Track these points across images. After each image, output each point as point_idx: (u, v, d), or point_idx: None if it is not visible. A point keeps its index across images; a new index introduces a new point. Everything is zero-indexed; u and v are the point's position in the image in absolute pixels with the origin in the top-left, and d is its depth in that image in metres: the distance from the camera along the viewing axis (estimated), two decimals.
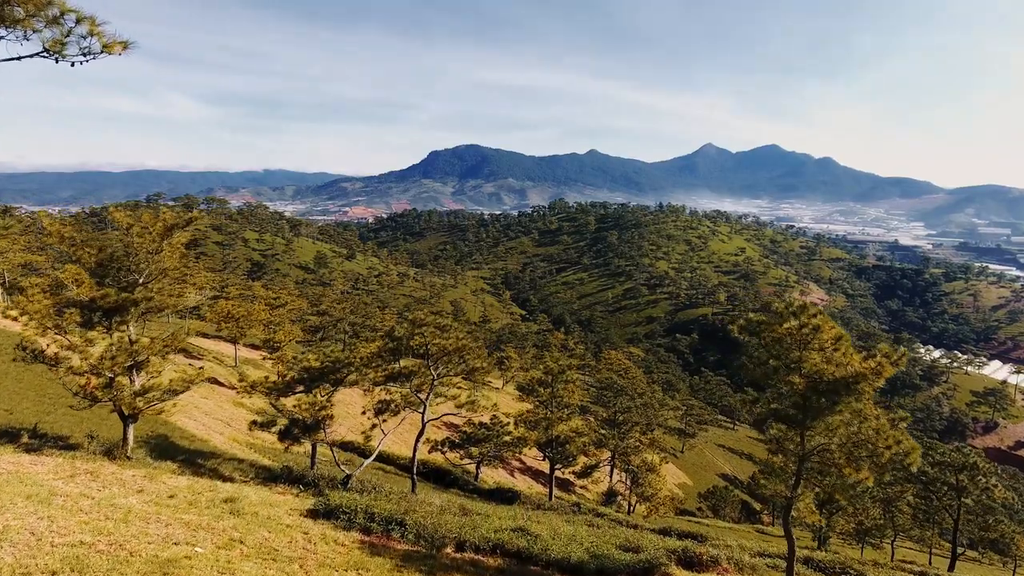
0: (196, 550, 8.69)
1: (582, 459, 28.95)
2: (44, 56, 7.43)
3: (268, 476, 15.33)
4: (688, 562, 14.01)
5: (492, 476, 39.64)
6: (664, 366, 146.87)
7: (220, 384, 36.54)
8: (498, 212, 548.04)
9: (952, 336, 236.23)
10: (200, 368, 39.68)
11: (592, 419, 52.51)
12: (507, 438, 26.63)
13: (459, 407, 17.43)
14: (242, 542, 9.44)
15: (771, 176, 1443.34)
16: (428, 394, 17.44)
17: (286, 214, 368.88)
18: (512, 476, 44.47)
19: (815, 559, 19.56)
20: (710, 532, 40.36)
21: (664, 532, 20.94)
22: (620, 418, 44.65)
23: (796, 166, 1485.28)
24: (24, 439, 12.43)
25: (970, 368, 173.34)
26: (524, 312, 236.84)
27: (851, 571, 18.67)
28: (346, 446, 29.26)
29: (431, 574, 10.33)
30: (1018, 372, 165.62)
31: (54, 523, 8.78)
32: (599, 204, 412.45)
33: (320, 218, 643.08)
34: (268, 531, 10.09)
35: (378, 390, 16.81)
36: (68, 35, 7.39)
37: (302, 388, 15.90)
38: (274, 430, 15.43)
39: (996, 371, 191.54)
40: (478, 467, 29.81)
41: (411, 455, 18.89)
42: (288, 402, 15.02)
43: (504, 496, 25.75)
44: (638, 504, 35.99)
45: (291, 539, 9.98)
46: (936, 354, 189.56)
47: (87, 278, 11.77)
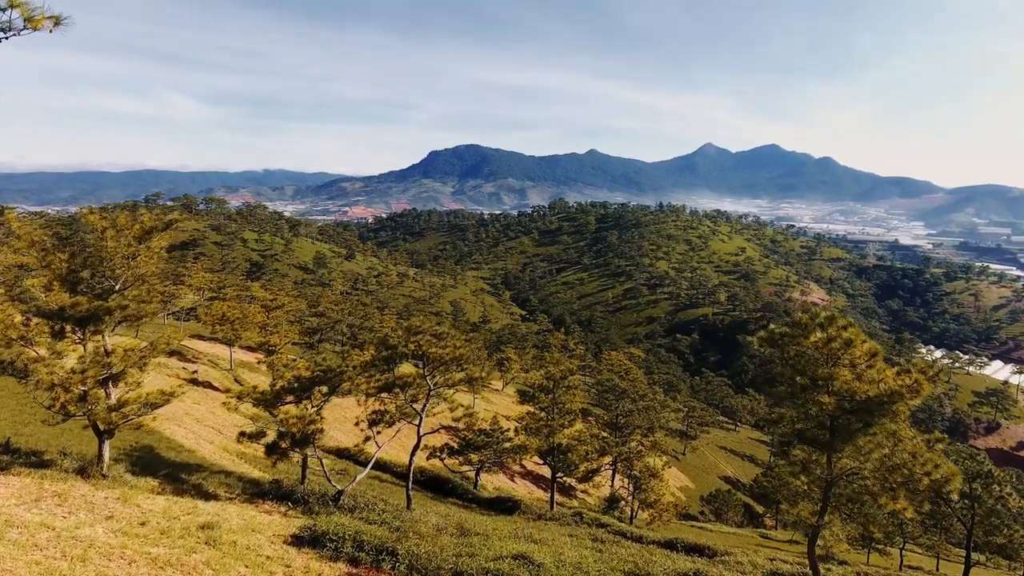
0: None
1: (584, 465, 28.19)
2: None
3: (255, 492, 14.56)
4: None
5: (492, 481, 38.88)
6: (665, 366, 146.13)
7: (214, 388, 35.77)
8: (498, 212, 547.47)
9: (953, 336, 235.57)
10: (194, 371, 38.87)
11: (593, 422, 51.84)
12: (507, 445, 25.90)
13: (456, 420, 16.66)
14: None
15: (771, 176, 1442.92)
16: (424, 405, 16.67)
17: (286, 214, 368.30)
18: (512, 481, 43.73)
19: None
20: (715, 539, 39.62)
21: (670, 545, 20.25)
22: (622, 421, 43.96)
23: (796, 166, 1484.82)
24: None
25: (971, 368, 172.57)
26: (524, 312, 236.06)
27: None
28: (342, 453, 28.55)
29: None
30: (1020, 372, 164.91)
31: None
32: (599, 204, 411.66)
33: (320, 218, 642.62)
34: (245, 566, 9.25)
35: (372, 400, 16.06)
36: None
37: (292, 398, 15.17)
38: (264, 440, 14.67)
39: (997, 371, 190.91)
40: (477, 474, 29.10)
41: (408, 463, 18.08)
42: (281, 411, 14.30)
43: (504, 506, 25.03)
44: (640, 510, 35.31)
45: (271, 575, 9.16)
46: (937, 354, 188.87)
47: (57, 285, 11.07)
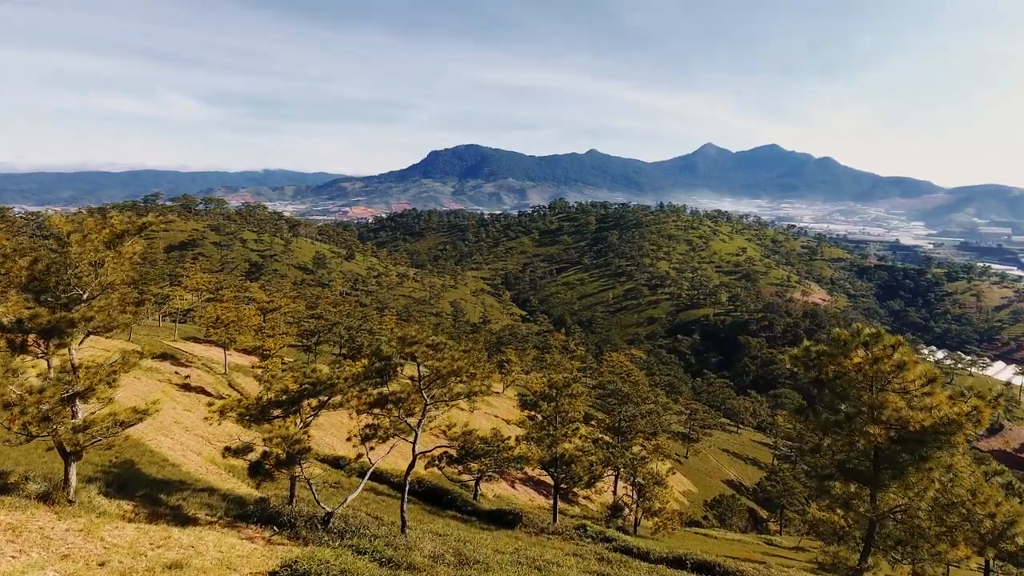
0: None
1: (587, 478, 27.23)
2: None
3: (239, 513, 13.62)
4: None
5: (492, 489, 37.97)
6: (666, 367, 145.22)
7: (207, 394, 34.82)
8: (498, 212, 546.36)
9: (955, 337, 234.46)
10: (187, 376, 37.90)
11: (595, 426, 50.88)
12: (507, 454, 24.98)
13: (453, 439, 15.74)
14: None
15: (771, 176, 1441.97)
16: (420, 420, 15.73)
17: (285, 214, 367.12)
18: (513, 488, 42.81)
19: None
20: (721, 548, 38.67)
21: (679, 563, 19.36)
22: (624, 427, 43.04)
23: (796, 166, 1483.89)
24: None
25: (974, 370, 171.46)
26: (524, 313, 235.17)
27: None
28: (337, 462, 27.62)
29: None
30: (1022, 373, 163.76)
31: None
32: (599, 204, 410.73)
33: (320, 218, 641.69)
34: None
35: (364, 415, 15.14)
36: None
37: (279, 412, 14.24)
38: (250, 456, 13.75)
39: (1000, 372, 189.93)
40: (477, 483, 28.15)
41: (405, 472, 17.13)
42: (262, 430, 13.36)
43: (505, 519, 24.10)
44: (644, 519, 34.39)
45: None
46: (939, 355, 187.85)
47: (14, 296, 10.19)
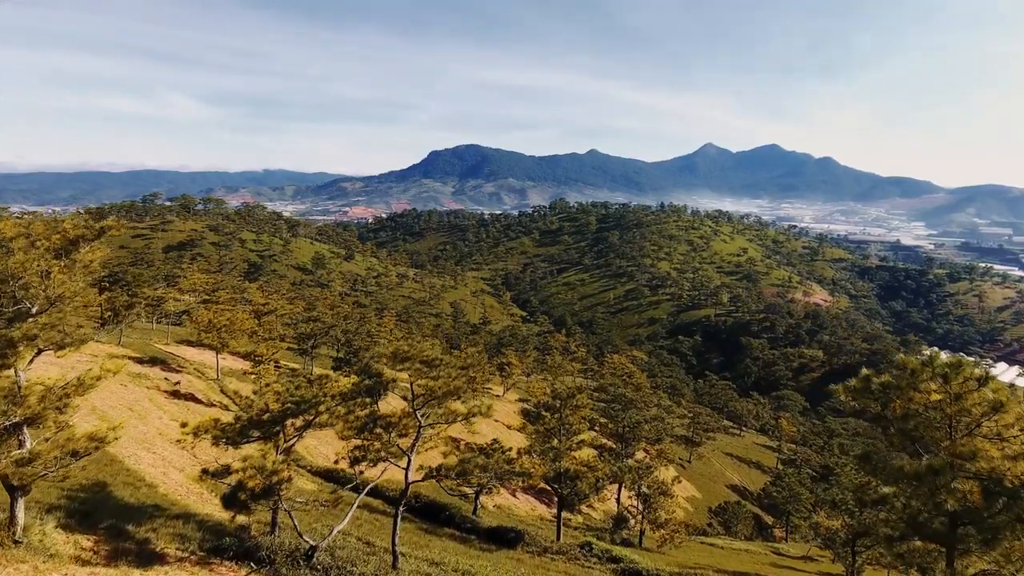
0: None
1: (592, 495, 26.01)
2: None
3: (214, 546, 12.38)
4: None
5: (492, 498, 36.77)
6: (667, 369, 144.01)
7: (197, 401, 33.58)
8: (498, 212, 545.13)
9: (957, 338, 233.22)
10: (176, 383, 36.70)
11: (599, 432, 49.74)
12: (508, 466, 23.79)
13: (449, 471, 14.51)
14: None
15: (771, 176, 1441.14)
16: (413, 444, 14.50)
17: (285, 214, 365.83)
18: (514, 496, 41.64)
19: None
20: (728, 560, 37.46)
21: None
22: (628, 433, 41.88)
23: (796, 166, 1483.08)
24: None
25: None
26: (525, 313, 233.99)
27: None
28: (330, 475, 26.39)
29: None
30: None
31: None
32: (600, 204, 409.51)
33: (320, 218, 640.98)
34: None
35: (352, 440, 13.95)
36: None
37: (259, 433, 13.07)
38: (230, 479, 12.54)
39: (1003, 373, 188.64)
40: (477, 496, 26.98)
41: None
42: (241, 453, 12.15)
43: (506, 537, 22.91)
44: (651, 530, 33.22)
45: None
46: (943, 356, 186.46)
47: None
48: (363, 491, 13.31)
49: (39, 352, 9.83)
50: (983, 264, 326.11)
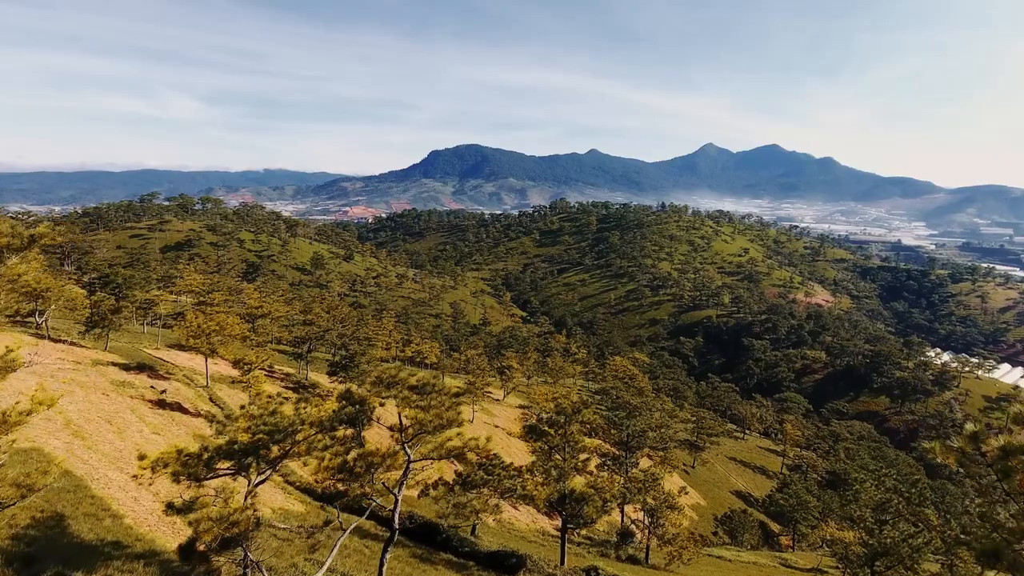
0: None
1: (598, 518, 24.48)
2: None
3: None
4: None
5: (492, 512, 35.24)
6: (669, 371, 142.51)
7: (184, 411, 32.11)
8: (498, 212, 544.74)
9: (960, 339, 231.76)
10: (163, 391, 35.22)
11: (602, 440, 48.38)
12: (508, 483, 22.36)
13: (442, 517, 13.05)
14: None
15: (772, 176, 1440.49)
16: (401, 482, 13.06)
17: (285, 214, 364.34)
18: (515, 508, 40.12)
19: None
20: (737, 573, 36.02)
21: None
22: (633, 442, 40.47)
23: (797, 166, 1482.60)
24: None
25: (980, 372, 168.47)
26: (525, 314, 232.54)
27: None
28: (319, 492, 24.86)
29: None
30: None
31: None
32: (600, 204, 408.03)
33: (320, 218, 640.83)
34: None
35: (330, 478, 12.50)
36: None
37: (229, 465, 11.64)
38: (194, 515, 11.11)
39: (1006, 374, 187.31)
40: (476, 515, 25.56)
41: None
42: (201, 500, 10.68)
43: (507, 564, 21.48)
44: (658, 546, 31.82)
45: None
46: (946, 357, 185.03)
47: None
48: (347, 530, 11.89)
49: None
50: (985, 265, 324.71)
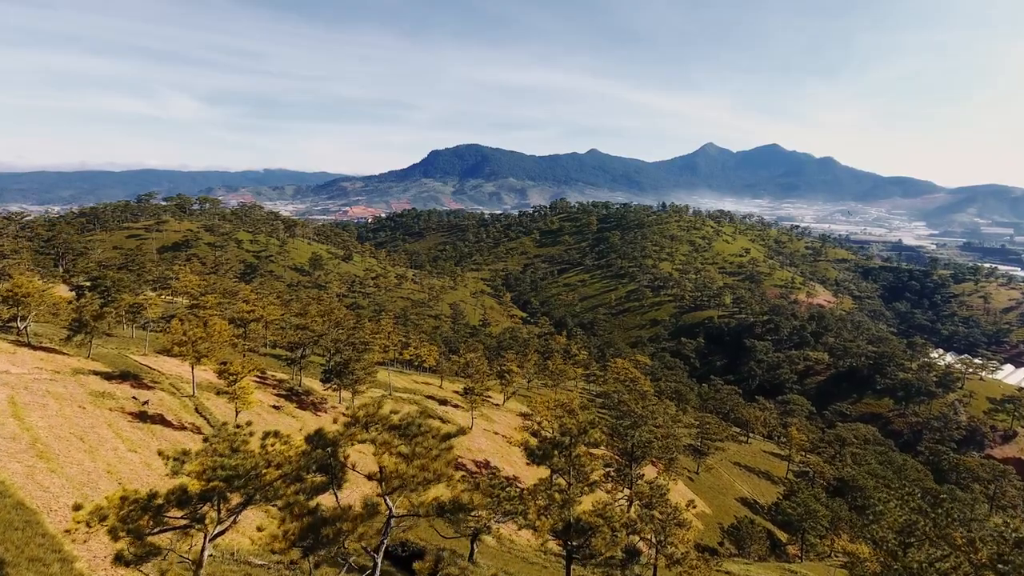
0: None
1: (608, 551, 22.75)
2: None
3: None
4: None
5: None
6: (671, 373, 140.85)
7: (167, 424, 30.50)
8: (499, 212, 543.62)
9: (963, 339, 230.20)
10: (145, 403, 33.57)
11: (606, 450, 46.80)
12: (508, 506, 20.79)
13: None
14: None
15: (772, 175, 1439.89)
16: (383, 541, 11.42)
17: (285, 214, 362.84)
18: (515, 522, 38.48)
19: None
20: None
21: None
22: (638, 453, 38.93)
23: (797, 165, 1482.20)
24: None
25: (984, 373, 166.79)
26: (525, 315, 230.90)
27: None
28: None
29: None
30: None
31: None
32: (601, 204, 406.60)
33: (320, 217, 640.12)
34: None
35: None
36: None
37: (183, 514, 10.05)
38: (150, 567, 9.54)
39: (1009, 375, 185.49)
40: (473, 540, 23.94)
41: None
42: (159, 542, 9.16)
43: None
44: (666, 566, 30.30)
45: None
46: (949, 358, 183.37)
47: None
48: None
49: None
50: (987, 265, 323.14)
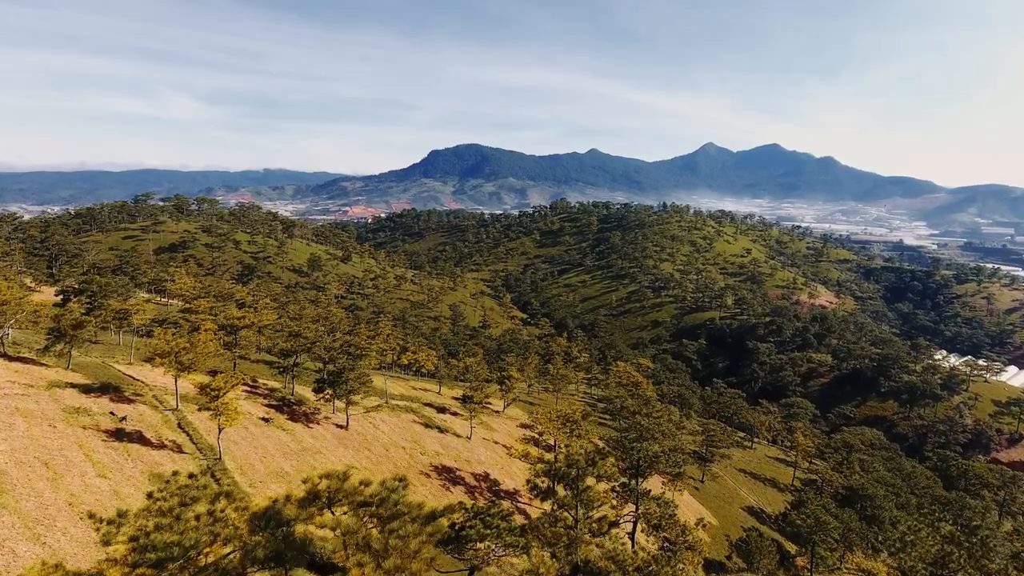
0: None
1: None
2: None
3: None
4: None
5: None
6: (673, 376, 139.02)
7: (146, 443, 28.68)
8: (499, 212, 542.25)
9: (966, 340, 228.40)
10: (123, 419, 31.45)
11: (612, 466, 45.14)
12: (509, 538, 19.05)
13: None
14: None
15: (772, 175, 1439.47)
16: None
17: (284, 214, 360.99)
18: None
19: None
20: None
21: None
22: (646, 466, 37.21)
23: (797, 165, 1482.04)
24: None
25: (989, 376, 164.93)
26: (525, 315, 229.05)
27: None
28: None
29: None
30: None
31: None
32: (601, 204, 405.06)
33: (320, 217, 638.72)
34: None
35: None
36: None
37: None
38: None
39: (1013, 377, 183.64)
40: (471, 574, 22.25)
41: None
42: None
43: None
44: None
45: None
46: (953, 360, 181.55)
47: None
48: None
49: None
50: (990, 265, 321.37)
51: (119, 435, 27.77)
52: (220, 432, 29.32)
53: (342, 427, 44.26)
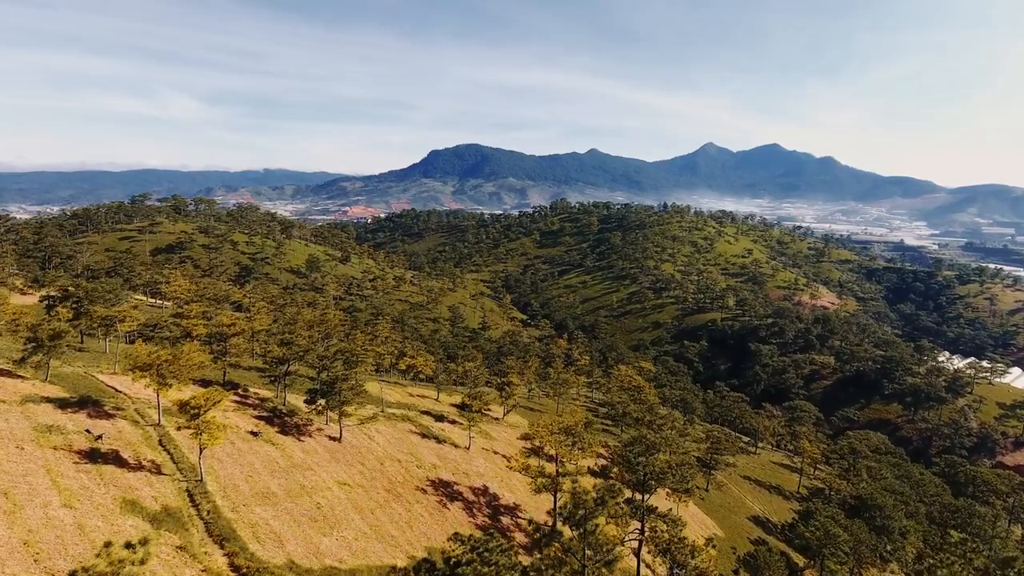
0: None
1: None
2: None
3: None
4: None
5: None
6: (675, 379, 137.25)
7: (122, 463, 26.94)
8: (499, 212, 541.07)
9: (969, 341, 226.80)
10: (98, 437, 29.60)
11: (614, 477, 43.48)
12: (511, 573, 17.43)
13: None
14: None
15: (772, 175, 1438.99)
16: None
17: (284, 214, 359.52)
18: None
19: None
20: None
21: None
22: (652, 480, 35.57)
23: (797, 165, 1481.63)
24: None
25: (994, 378, 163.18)
26: (525, 317, 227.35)
27: None
28: None
29: None
30: None
31: None
32: (601, 204, 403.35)
33: (320, 217, 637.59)
34: None
35: None
36: None
37: None
38: None
39: (1017, 379, 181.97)
40: None
41: None
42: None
43: None
44: None
45: None
46: (957, 362, 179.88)
47: None
48: None
49: None
50: (992, 266, 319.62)
51: (93, 456, 26.04)
52: (201, 452, 27.51)
53: (335, 439, 42.58)
